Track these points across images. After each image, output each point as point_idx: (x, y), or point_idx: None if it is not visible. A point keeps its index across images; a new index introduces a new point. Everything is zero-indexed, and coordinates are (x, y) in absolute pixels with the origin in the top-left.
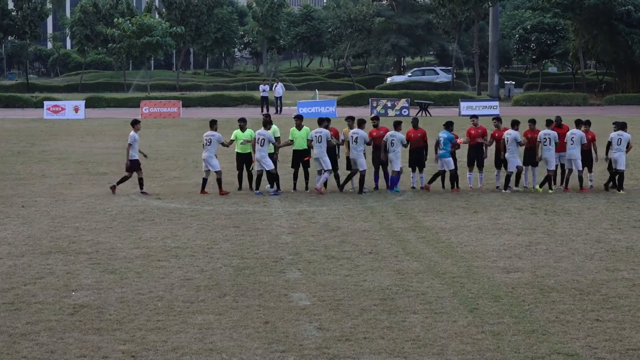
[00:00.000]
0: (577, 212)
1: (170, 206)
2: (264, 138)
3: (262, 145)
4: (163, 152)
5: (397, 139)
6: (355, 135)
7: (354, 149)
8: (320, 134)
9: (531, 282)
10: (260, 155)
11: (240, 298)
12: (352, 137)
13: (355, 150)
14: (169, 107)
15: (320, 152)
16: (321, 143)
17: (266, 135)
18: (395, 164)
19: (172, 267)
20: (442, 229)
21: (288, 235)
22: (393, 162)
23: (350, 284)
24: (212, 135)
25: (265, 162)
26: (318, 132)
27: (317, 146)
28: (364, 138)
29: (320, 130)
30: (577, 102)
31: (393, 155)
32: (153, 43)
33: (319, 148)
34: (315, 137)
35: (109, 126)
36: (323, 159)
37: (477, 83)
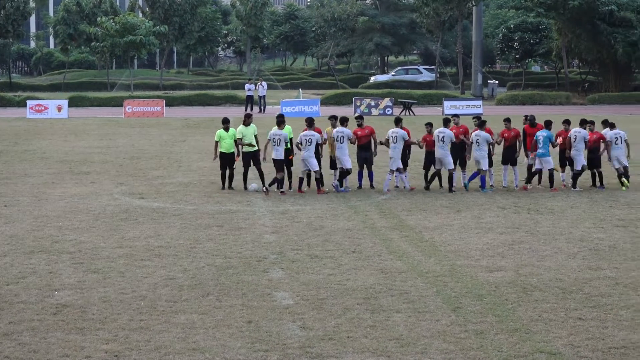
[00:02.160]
0: (560, 211)
1: (153, 205)
2: (311, 138)
3: (310, 144)
4: (146, 151)
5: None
6: (339, 134)
7: (305, 150)
8: (312, 138)
9: (514, 281)
10: (307, 156)
11: (223, 297)
12: (337, 136)
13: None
14: (152, 106)
15: (308, 155)
16: (311, 146)
17: (345, 132)
18: (395, 162)
19: (155, 266)
20: (425, 228)
21: (271, 235)
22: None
23: (334, 283)
24: (312, 135)
25: (311, 163)
26: (309, 135)
27: (307, 149)
28: (348, 136)
29: (312, 134)
30: (560, 102)
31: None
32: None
33: (308, 151)
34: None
35: (92, 125)
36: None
37: (461, 82)
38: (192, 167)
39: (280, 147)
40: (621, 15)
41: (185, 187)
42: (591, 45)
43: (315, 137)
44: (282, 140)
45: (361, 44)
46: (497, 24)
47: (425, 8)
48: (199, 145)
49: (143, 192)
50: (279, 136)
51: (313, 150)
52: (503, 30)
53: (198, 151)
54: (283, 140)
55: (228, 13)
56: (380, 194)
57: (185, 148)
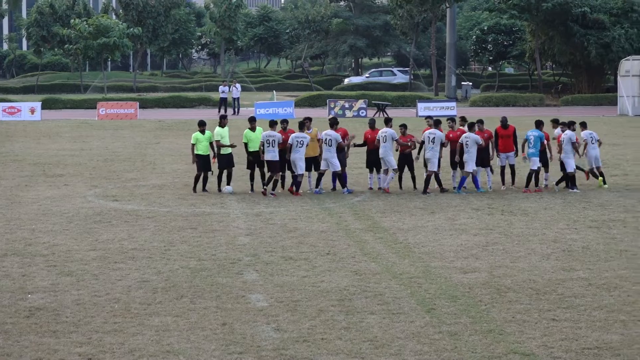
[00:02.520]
0: (534, 212)
1: (127, 208)
2: (331, 138)
3: (330, 145)
4: (120, 153)
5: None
6: (328, 137)
7: (327, 150)
8: (330, 137)
9: (488, 282)
10: (330, 155)
11: (197, 300)
12: (326, 139)
13: (330, 152)
14: (126, 109)
15: (331, 155)
16: (302, 147)
17: (332, 136)
18: (391, 162)
19: (129, 269)
20: (399, 229)
21: (245, 237)
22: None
23: (308, 285)
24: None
25: (333, 163)
26: (301, 137)
27: (296, 150)
28: (336, 139)
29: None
30: (533, 103)
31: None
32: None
33: (329, 151)
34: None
35: (66, 127)
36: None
37: (435, 84)
38: (166, 170)
39: (275, 148)
40: (594, 17)
41: (159, 189)
42: (564, 47)
43: (333, 137)
44: (276, 142)
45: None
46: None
47: (399, 10)
48: (172, 148)
49: (117, 194)
50: (273, 137)
51: (335, 150)
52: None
53: (172, 153)
54: (277, 141)
55: (202, 15)
56: (354, 195)
57: (159, 150)
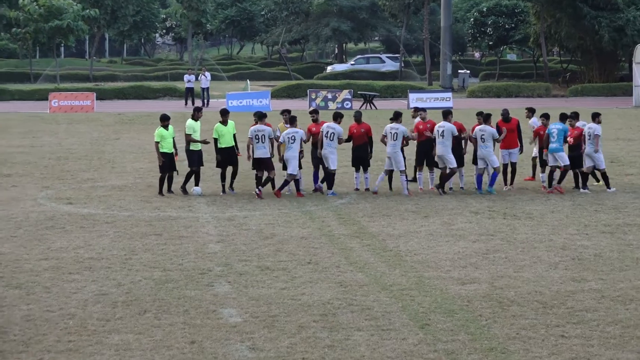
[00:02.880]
0: (540, 216)
1: (82, 212)
2: (333, 132)
3: (331, 139)
4: (75, 150)
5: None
6: (330, 130)
7: (328, 145)
8: (295, 135)
9: (489, 295)
10: (329, 152)
11: (162, 315)
12: (327, 132)
13: (330, 147)
14: (81, 100)
15: (330, 152)
16: (294, 144)
17: (337, 130)
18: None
19: (86, 280)
20: (389, 235)
21: (216, 244)
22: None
23: (287, 298)
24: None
25: (331, 160)
26: (292, 132)
27: (289, 148)
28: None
29: (296, 131)
30: (539, 93)
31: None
32: (63, 28)
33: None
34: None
35: (14, 121)
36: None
37: (428, 72)
38: (127, 169)
39: (265, 145)
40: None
41: (119, 191)
42: (573, 31)
43: (299, 134)
44: (267, 137)
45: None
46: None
47: None
48: (134, 144)
49: (71, 196)
50: (263, 132)
51: (335, 146)
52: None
53: (133, 150)
54: (267, 136)
55: None
56: (338, 198)
57: (119, 147)
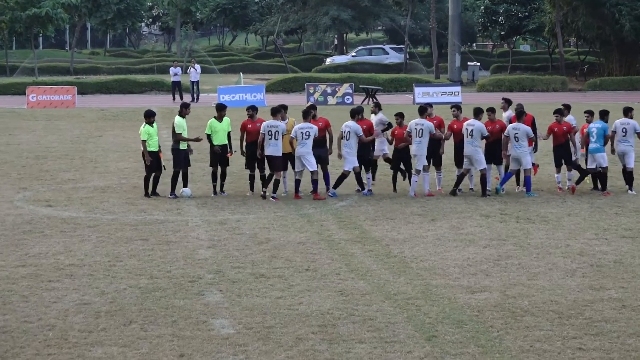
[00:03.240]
0: (556, 220)
1: (63, 215)
2: (349, 130)
3: (348, 139)
4: (54, 149)
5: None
6: (347, 129)
7: (345, 145)
8: (309, 130)
9: (501, 304)
10: (346, 152)
11: (149, 326)
12: (344, 132)
13: (348, 147)
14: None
15: (306, 151)
16: (309, 140)
17: (352, 128)
18: None
19: (66, 289)
20: (393, 240)
21: (207, 250)
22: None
23: (283, 307)
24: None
25: (349, 161)
26: (306, 127)
27: (303, 144)
28: (356, 132)
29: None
30: (554, 87)
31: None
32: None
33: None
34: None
35: None
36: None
37: (435, 64)
38: (110, 169)
39: (278, 141)
40: None
41: (102, 192)
42: (591, 20)
43: (352, 129)
44: (280, 133)
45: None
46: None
47: None
48: (118, 142)
49: (50, 198)
50: (277, 128)
51: (354, 145)
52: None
53: (117, 149)
54: (281, 132)
55: None
56: (339, 200)
57: (102, 145)
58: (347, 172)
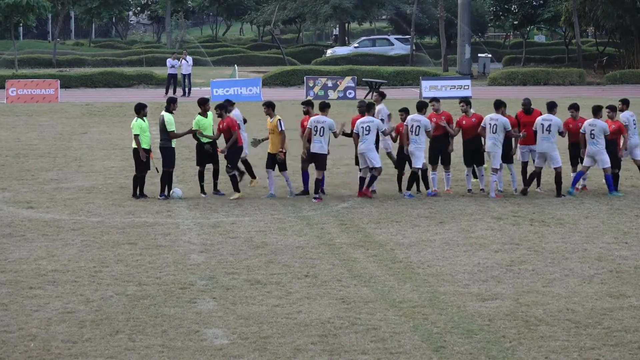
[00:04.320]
0: (572, 222)
1: (45, 217)
2: (419, 125)
3: (417, 134)
4: (36, 147)
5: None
6: (414, 123)
7: (364, 141)
8: (370, 125)
9: (513, 313)
10: (414, 148)
11: (137, 336)
12: (363, 127)
13: (415, 144)
14: (43, 89)
15: (367, 147)
16: (369, 135)
17: (422, 122)
18: None
19: (49, 296)
20: (398, 244)
21: (200, 254)
22: None
23: (281, 316)
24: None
25: (417, 157)
26: (367, 121)
27: (364, 140)
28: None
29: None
30: (571, 81)
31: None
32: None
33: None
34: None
35: None
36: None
37: (443, 56)
38: (96, 168)
39: (324, 138)
40: None
41: (87, 193)
42: (611, 9)
43: (422, 123)
44: (327, 129)
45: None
46: None
47: None
48: (104, 139)
49: (32, 200)
50: (323, 124)
51: (423, 142)
52: None
53: (103, 147)
54: (327, 128)
55: None
56: (341, 201)
57: (87, 142)
58: (418, 170)
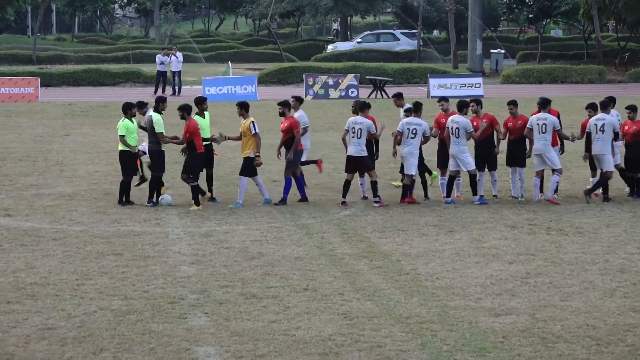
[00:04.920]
0: (592, 231)
1: (24, 226)
2: (458, 127)
3: (457, 136)
4: (14, 149)
5: (462, 125)
6: (453, 125)
7: (408, 144)
8: (417, 128)
9: (529, 329)
10: (459, 151)
11: (123, 354)
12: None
13: (458, 146)
14: (22, 87)
15: (460, 150)
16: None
17: (462, 123)
18: None
19: (28, 311)
20: (405, 255)
21: (190, 266)
22: None
23: (278, 333)
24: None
25: (467, 161)
26: (415, 123)
27: (355, 141)
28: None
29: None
30: (590, 78)
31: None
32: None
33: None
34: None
35: None
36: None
37: (453, 52)
38: (79, 172)
39: (362, 140)
40: None
41: (70, 200)
42: (633, 1)
43: (461, 125)
44: (364, 131)
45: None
46: None
47: None
48: (87, 142)
49: (10, 207)
50: (360, 125)
51: (465, 143)
52: None
53: (87, 150)
54: (365, 130)
55: None
56: (343, 209)
57: (69, 145)
58: (475, 172)
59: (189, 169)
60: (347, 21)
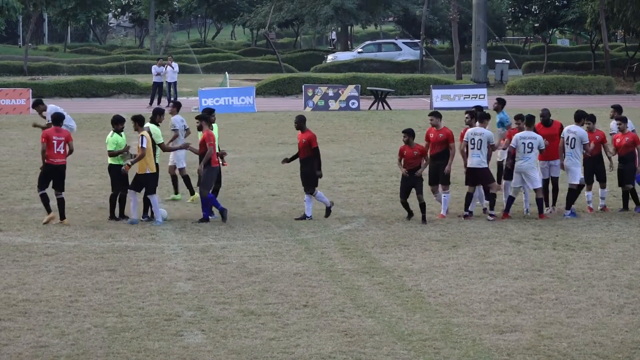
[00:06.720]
0: (600, 246)
1: (16, 241)
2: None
3: (573, 147)
4: (5, 163)
5: (485, 137)
6: (477, 136)
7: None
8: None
9: (534, 346)
10: (570, 162)
11: None
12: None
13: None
14: (14, 99)
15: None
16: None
17: (485, 136)
18: None
19: (19, 329)
20: (407, 270)
21: (187, 282)
22: None
23: (277, 350)
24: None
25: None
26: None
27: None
28: (489, 138)
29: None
30: (598, 89)
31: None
32: None
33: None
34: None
35: None
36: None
37: (456, 63)
38: (72, 186)
39: (482, 152)
40: None
41: None
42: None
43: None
44: (484, 142)
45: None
46: None
47: None
48: (81, 154)
49: (1, 222)
50: (480, 136)
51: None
52: None
53: (80, 162)
54: (486, 140)
55: None
56: (343, 222)
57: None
58: (575, 186)
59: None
60: (347, 30)
